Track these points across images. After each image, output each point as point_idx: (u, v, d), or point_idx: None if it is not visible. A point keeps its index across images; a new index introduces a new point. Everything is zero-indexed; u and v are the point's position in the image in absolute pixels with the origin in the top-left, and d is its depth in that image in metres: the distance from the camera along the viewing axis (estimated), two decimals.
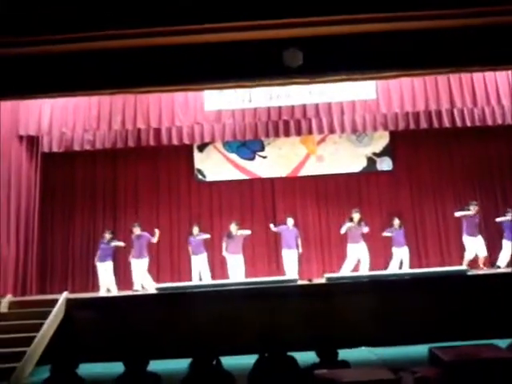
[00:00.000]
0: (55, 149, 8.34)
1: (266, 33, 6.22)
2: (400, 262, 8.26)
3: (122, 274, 8.36)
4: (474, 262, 8.15)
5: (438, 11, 6.01)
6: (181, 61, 6.39)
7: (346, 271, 8.08)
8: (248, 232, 8.35)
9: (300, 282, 7.44)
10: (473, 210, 8.13)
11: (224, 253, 8.21)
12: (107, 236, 8.13)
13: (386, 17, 6.06)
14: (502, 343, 3.25)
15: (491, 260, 8.30)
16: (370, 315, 6.51)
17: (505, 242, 8.14)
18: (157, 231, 8.13)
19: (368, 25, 6.14)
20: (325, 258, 8.82)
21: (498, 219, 8.27)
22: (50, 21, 5.97)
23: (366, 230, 8.18)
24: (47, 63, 6.38)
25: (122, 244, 8.18)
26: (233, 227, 8.22)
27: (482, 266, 8.05)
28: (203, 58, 6.37)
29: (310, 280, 7.54)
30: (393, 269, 8.13)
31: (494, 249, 8.31)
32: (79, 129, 7.83)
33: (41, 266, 8.40)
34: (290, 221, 8.43)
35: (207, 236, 8.40)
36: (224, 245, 8.24)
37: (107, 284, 7.95)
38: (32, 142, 8.25)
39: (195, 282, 8.05)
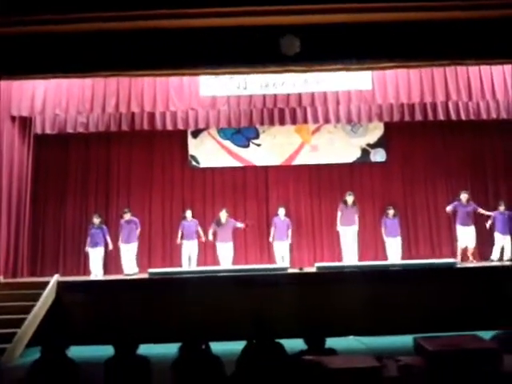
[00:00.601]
0: (48, 130, 8.26)
1: (264, 19, 6.18)
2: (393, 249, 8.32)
3: (114, 259, 8.37)
4: (463, 253, 8.26)
5: (435, 3, 6.01)
6: (176, 44, 6.35)
7: (348, 258, 8.13)
8: (240, 225, 8.36)
9: (290, 271, 7.50)
10: (463, 198, 8.20)
11: (210, 237, 8.20)
12: (96, 221, 8.13)
13: (384, 7, 6.05)
14: (486, 335, 3.32)
15: (480, 252, 8.40)
16: (359, 305, 6.59)
17: (496, 235, 8.21)
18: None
19: (366, 14, 6.13)
20: (316, 247, 8.86)
21: (481, 210, 8.27)
22: (46, 1, 5.90)
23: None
24: (41, 44, 6.31)
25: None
26: (222, 215, 8.22)
27: (470, 257, 8.15)
28: (199, 42, 6.33)
29: (300, 269, 7.60)
30: (390, 258, 8.21)
31: (484, 241, 8.40)
32: (73, 111, 7.76)
33: (32, 249, 8.39)
34: (282, 211, 8.46)
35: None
36: (211, 231, 8.23)
37: (97, 270, 7.98)
38: (25, 123, 8.18)
39: (186, 267, 8.08)
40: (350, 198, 8.31)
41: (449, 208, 8.32)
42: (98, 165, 9.07)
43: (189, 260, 8.21)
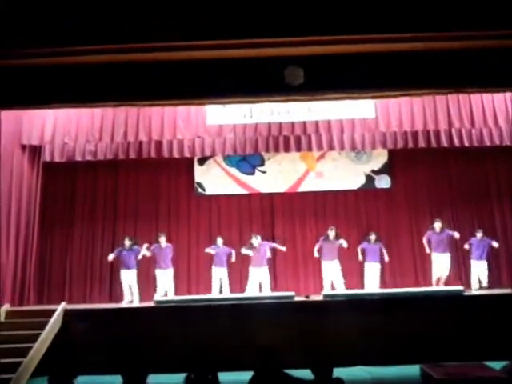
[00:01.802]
0: (57, 159, 8.37)
1: (268, 51, 6.33)
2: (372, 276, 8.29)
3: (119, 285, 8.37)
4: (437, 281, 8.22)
5: (436, 33, 6.15)
6: (184, 76, 6.49)
7: (327, 288, 8.11)
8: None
9: (297, 299, 7.45)
10: (437, 227, 8.25)
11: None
12: (127, 243, 8.17)
13: (386, 37, 6.18)
14: (496, 365, 3.29)
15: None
16: (365, 334, 6.51)
17: (473, 262, 8.25)
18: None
19: (368, 45, 6.26)
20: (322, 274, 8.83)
21: (455, 234, 8.27)
22: (57, 33, 6.08)
23: (345, 244, 8.25)
24: (52, 74, 6.46)
25: (147, 253, 8.15)
26: (254, 240, 8.28)
27: (442, 285, 8.09)
28: (206, 73, 6.47)
29: (307, 297, 7.55)
30: (367, 286, 8.19)
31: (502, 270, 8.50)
32: (82, 139, 7.89)
33: (39, 276, 8.39)
34: (257, 238, 8.40)
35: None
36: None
37: (130, 292, 8.00)
38: (34, 151, 8.31)
39: (195, 295, 8.05)
40: (331, 233, 8.33)
41: (424, 240, 8.37)
42: (106, 192, 9.17)
43: (220, 286, 8.22)
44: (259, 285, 8.17)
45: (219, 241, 8.44)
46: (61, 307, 7.03)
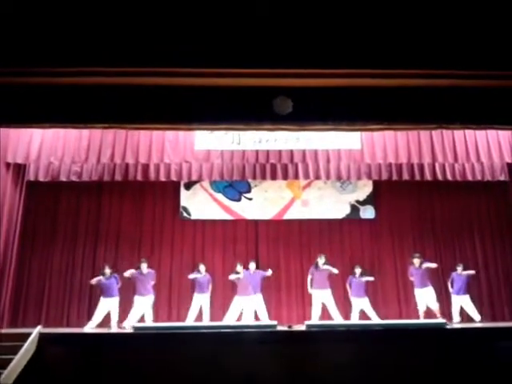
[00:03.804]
0: (41, 178, 8.24)
1: (258, 80, 6.44)
2: (360, 311, 8.23)
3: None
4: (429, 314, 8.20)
5: (421, 70, 6.35)
6: (173, 101, 6.54)
7: (315, 317, 8.04)
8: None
9: (279, 328, 7.36)
10: (416, 263, 8.30)
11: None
12: (107, 271, 8.02)
13: (373, 73, 6.37)
14: None
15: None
16: (348, 365, 6.43)
17: (453, 297, 8.30)
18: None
19: (356, 79, 6.43)
20: (306, 304, 8.72)
21: (431, 265, 8.32)
22: (46, 54, 6.11)
23: (334, 270, 8.23)
24: (39, 94, 6.44)
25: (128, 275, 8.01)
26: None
27: (439, 316, 8.09)
28: (195, 99, 6.53)
29: (289, 326, 7.45)
30: (353, 320, 8.10)
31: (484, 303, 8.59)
32: (68, 159, 7.81)
33: (15, 298, 8.17)
34: (253, 265, 8.38)
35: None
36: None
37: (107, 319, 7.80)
38: (19, 169, 8.20)
39: (175, 323, 7.88)
40: (320, 261, 8.29)
41: (410, 276, 8.41)
42: (89, 213, 9.06)
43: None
44: (254, 313, 8.06)
45: (202, 267, 8.34)
46: (36, 330, 6.79)
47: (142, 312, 7.90)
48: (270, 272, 8.35)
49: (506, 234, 9.01)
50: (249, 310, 8.05)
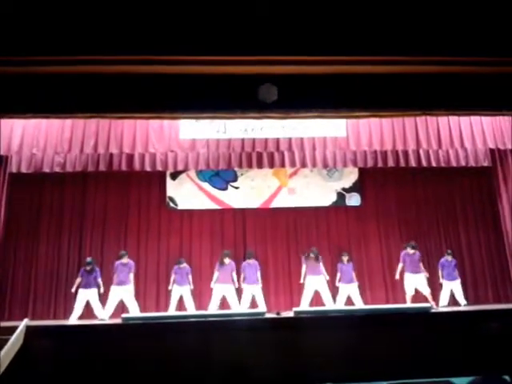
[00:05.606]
0: (24, 169, 8.12)
1: (243, 68, 6.37)
2: (347, 297, 8.32)
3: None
4: (420, 298, 8.32)
5: (405, 57, 6.35)
6: (157, 89, 6.44)
7: (305, 304, 8.11)
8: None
9: (268, 315, 7.41)
10: (410, 249, 8.38)
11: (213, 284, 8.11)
12: (88, 264, 7.95)
13: (358, 60, 6.34)
14: (462, 381, 3.35)
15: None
16: (336, 351, 6.51)
17: (444, 282, 8.43)
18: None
19: (340, 66, 6.41)
20: (293, 290, 8.83)
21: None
22: (27, 42, 5.97)
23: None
24: (21, 84, 6.29)
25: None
26: (225, 257, 8.20)
27: (431, 301, 8.23)
28: (180, 87, 6.44)
29: (278, 313, 7.51)
30: (339, 305, 8.18)
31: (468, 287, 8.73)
32: (50, 150, 7.70)
33: (0, 291, 8.07)
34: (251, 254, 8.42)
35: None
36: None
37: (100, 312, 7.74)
38: (0, 161, 8.06)
39: (164, 312, 7.88)
40: (313, 254, 8.36)
41: (402, 262, 8.47)
42: (73, 205, 8.96)
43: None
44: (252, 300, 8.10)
45: (181, 259, 8.33)
46: (23, 324, 6.73)
47: (118, 302, 7.85)
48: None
49: (489, 219, 9.18)
50: (231, 297, 8.08)
